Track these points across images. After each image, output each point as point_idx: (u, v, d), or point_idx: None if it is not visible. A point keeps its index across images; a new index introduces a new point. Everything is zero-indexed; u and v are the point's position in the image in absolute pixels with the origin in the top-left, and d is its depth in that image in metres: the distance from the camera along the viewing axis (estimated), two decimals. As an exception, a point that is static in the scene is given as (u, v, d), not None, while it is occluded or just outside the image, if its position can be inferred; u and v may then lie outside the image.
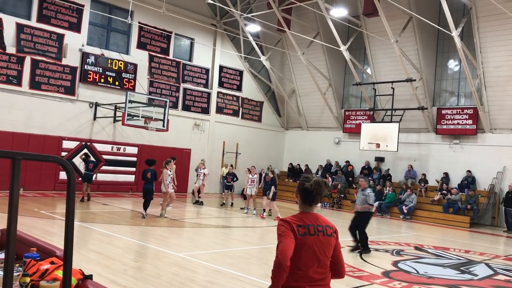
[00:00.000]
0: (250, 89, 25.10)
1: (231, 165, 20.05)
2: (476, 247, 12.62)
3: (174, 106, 21.31)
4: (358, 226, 10.25)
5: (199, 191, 17.56)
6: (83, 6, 18.57)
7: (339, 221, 16.72)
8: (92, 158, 17.04)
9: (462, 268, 9.32)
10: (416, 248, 11.43)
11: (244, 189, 17.25)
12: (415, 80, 19.46)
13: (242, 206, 17.27)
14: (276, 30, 23.26)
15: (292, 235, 2.93)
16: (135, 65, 20.10)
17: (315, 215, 3.09)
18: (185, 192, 21.14)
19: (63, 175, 17.60)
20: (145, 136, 20.19)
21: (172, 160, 14.38)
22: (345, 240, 11.76)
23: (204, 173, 17.39)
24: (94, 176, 16.31)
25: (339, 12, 19.25)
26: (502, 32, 17.64)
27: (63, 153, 17.91)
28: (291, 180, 24.36)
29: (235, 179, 18.11)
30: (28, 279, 3.13)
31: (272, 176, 15.67)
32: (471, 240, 14.49)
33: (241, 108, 24.65)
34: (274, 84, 25.40)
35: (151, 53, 20.86)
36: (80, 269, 3.59)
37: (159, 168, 14.24)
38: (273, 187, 15.29)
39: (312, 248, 2.96)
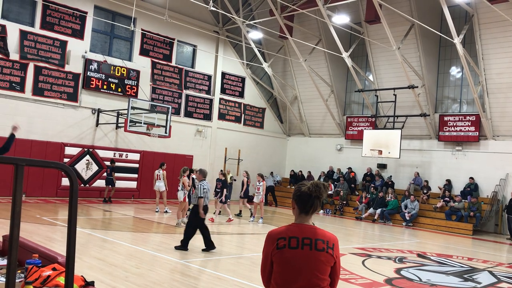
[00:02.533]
0: (252, 96, 25.14)
1: (221, 171, 19.58)
2: (479, 255, 12.56)
3: (177, 112, 21.35)
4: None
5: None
6: (86, 13, 18.67)
7: (342, 228, 16.68)
8: (113, 164, 18.39)
9: (465, 276, 9.27)
10: (419, 255, 11.38)
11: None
12: (417, 87, 19.47)
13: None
14: (278, 37, 23.34)
15: (269, 251, 2.74)
16: (138, 72, 20.16)
17: (309, 227, 2.73)
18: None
19: (65, 181, 17.62)
20: (148, 143, 20.22)
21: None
22: (347, 247, 11.71)
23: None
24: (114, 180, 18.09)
25: (341, 19, 19.31)
26: (504, 39, 17.66)
27: (66, 159, 17.93)
28: (293, 187, 24.32)
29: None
30: (31, 287, 3.13)
31: (223, 179, 15.56)
32: (474, 247, 14.42)
33: (243, 115, 24.68)
34: (276, 90, 25.44)
35: (153, 59, 20.93)
36: (82, 276, 3.59)
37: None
38: (225, 190, 15.23)
39: (291, 263, 2.65)
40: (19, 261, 3.27)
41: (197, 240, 11.68)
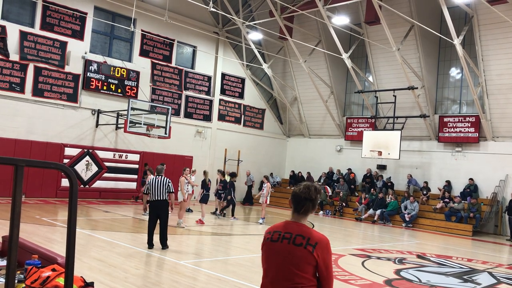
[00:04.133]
0: (252, 97, 25.15)
1: (221, 172, 19.32)
2: (479, 256, 12.56)
3: (176, 113, 21.35)
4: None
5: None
6: (86, 14, 18.68)
7: (342, 229, 16.68)
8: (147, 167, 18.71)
9: (465, 277, 9.26)
10: (419, 256, 11.38)
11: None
12: (417, 88, 19.48)
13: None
14: (278, 38, 23.35)
15: (261, 244, 2.93)
16: (138, 73, 20.17)
17: (296, 224, 2.79)
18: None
19: (65, 182, 17.62)
20: (147, 144, 20.22)
21: (188, 169, 14.80)
22: (347, 248, 11.71)
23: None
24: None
25: (341, 20, 19.32)
26: (504, 40, 17.67)
27: (65, 160, 17.93)
28: (292, 188, 24.29)
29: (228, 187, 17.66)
30: (22, 285, 3.13)
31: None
32: (474, 248, 14.42)
33: (243, 116, 24.68)
34: (276, 91, 25.44)
35: (153, 60, 20.94)
36: (81, 277, 3.59)
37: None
38: (203, 190, 15.22)
39: (271, 255, 2.78)
40: (19, 262, 3.27)
41: (199, 243, 11.67)
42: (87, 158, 18.65)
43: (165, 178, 9.73)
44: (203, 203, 14.99)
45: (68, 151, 18.14)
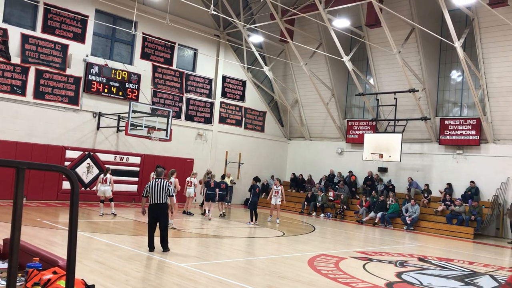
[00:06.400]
0: (253, 99, 25.17)
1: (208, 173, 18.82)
2: (480, 259, 12.53)
3: (177, 116, 21.37)
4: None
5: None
6: (87, 16, 18.72)
7: (343, 232, 16.65)
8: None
9: (466, 280, 9.24)
10: (420, 259, 11.36)
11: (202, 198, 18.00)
12: (417, 91, 19.48)
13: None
14: (279, 41, 23.36)
15: None
16: (139, 75, 20.20)
17: None
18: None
19: (66, 185, 17.62)
20: (148, 146, 20.23)
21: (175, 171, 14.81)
22: (348, 251, 11.69)
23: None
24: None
25: (342, 23, 19.34)
26: (505, 42, 17.67)
27: (66, 163, 17.94)
28: (293, 190, 24.31)
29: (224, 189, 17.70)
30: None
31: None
32: (475, 251, 14.38)
33: (244, 118, 24.69)
34: (277, 94, 25.46)
35: (154, 63, 20.97)
36: (82, 279, 3.59)
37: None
38: (205, 189, 16.03)
39: None
40: (20, 265, 3.27)
41: (200, 246, 11.66)
42: (88, 160, 18.66)
43: (165, 181, 9.71)
44: (209, 201, 15.92)
45: (69, 154, 18.16)
